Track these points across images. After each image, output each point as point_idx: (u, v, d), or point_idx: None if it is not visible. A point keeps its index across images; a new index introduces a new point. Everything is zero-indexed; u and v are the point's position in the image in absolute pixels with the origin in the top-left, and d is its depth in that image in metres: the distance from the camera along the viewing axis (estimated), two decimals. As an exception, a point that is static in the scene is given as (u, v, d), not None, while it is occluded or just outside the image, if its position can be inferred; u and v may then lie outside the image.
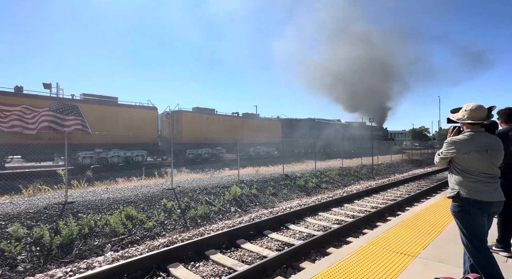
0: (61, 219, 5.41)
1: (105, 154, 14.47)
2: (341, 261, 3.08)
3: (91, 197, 6.81)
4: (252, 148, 22.24)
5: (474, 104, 2.25)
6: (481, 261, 2.20)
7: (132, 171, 11.64)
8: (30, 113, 12.26)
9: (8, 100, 11.83)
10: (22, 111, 12.05)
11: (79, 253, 4.78)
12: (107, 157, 14.48)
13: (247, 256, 4.45)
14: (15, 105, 11.92)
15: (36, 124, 12.35)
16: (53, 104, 13.01)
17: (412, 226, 4.29)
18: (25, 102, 12.25)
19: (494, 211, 2.22)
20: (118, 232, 5.52)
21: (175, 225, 6.30)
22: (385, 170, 17.27)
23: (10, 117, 11.69)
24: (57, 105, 13.11)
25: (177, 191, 7.84)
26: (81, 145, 13.42)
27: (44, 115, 12.58)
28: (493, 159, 2.18)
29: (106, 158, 14.44)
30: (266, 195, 9.17)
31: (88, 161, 13.87)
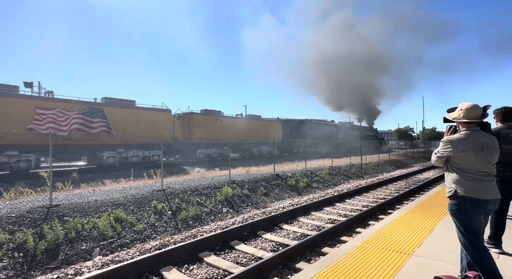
0: (46, 223, 5.17)
1: (126, 154, 15.48)
2: (338, 261, 3.07)
3: (78, 199, 6.56)
4: (255, 147, 23.37)
5: (469, 104, 2.28)
6: (478, 258, 2.23)
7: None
8: (62, 116, 13.32)
9: (45, 104, 12.90)
10: (56, 114, 13.11)
11: (66, 258, 4.58)
12: (127, 156, 15.52)
13: (242, 257, 4.38)
14: (50, 109, 12.94)
15: (67, 126, 13.41)
16: (82, 108, 14.07)
17: (405, 224, 4.34)
18: (58, 106, 13.26)
19: (490, 209, 2.25)
20: (107, 235, 5.33)
21: (166, 227, 6.16)
22: (374, 169, 17.58)
23: (46, 120, 12.73)
24: (86, 108, 14.14)
25: (168, 192, 7.67)
26: (105, 146, 14.53)
27: (74, 118, 13.66)
28: (489, 158, 2.21)
29: (126, 158, 15.46)
30: (257, 195, 9.12)
31: (111, 161, 14.70)
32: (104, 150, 14.57)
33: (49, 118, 12.88)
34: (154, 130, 15.98)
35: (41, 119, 12.64)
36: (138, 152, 15.90)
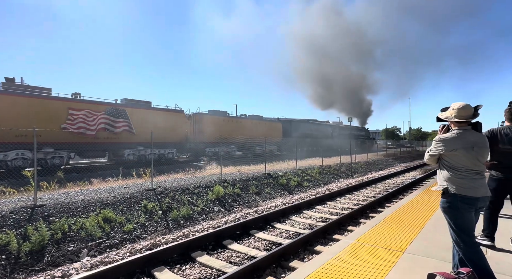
0: (30, 224, 4.98)
1: (144, 152, 16.54)
2: (332, 259, 3.09)
3: (64, 199, 6.35)
4: (258, 146, 24.73)
5: (461, 103, 2.33)
6: (469, 255, 2.28)
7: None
8: (91, 116, 14.38)
9: (76, 106, 14.01)
10: (86, 115, 14.16)
11: (52, 260, 4.42)
12: (145, 154, 16.57)
13: (235, 257, 4.35)
14: (81, 110, 14.06)
15: (95, 126, 14.47)
16: (108, 109, 15.14)
17: (396, 222, 4.42)
18: (87, 107, 14.35)
19: (481, 206, 2.31)
20: (95, 236, 5.19)
21: (156, 227, 6.05)
22: (363, 168, 17.87)
23: (77, 120, 13.84)
24: (110, 109, 15.24)
25: (158, 192, 7.54)
26: (126, 144, 15.73)
27: (101, 118, 14.74)
28: (479, 156, 2.26)
29: (144, 155, 16.55)
30: (249, 194, 9.10)
31: (131, 158, 15.95)
32: (126, 148, 15.82)
33: (79, 118, 14.02)
34: (169, 130, 17.27)
35: (73, 119, 13.77)
36: (155, 150, 17.06)
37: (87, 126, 14.15)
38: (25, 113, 12.06)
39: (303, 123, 31.92)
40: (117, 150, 15.74)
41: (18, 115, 11.88)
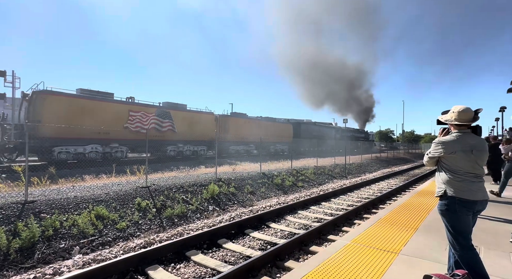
0: (21, 220, 4.86)
1: (182, 148, 18.68)
2: (328, 260, 3.09)
3: (56, 195, 6.22)
4: (271, 145, 26.63)
5: (461, 106, 2.34)
6: (465, 258, 2.30)
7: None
8: (145, 117, 16.83)
9: (134, 108, 16.48)
10: (141, 116, 16.60)
11: (42, 257, 4.33)
12: (183, 150, 18.71)
13: (230, 256, 4.32)
14: (138, 112, 16.55)
15: (148, 125, 16.84)
16: (157, 111, 17.57)
17: (391, 223, 4.45)
18: (142, 110, 16.85)
19: (478, 210, 2.32)
20: (87, 233, 5.10)
21: (150, 225, 5.98)
22: (357, 169, 18.01)
23: (135, 120, 16.24)
24: (159, 111, 17.71)
25: (152, 189, 7.45)
26: (169, 141, 18.01)
27: (152, 119, 17.18)
28: (478, 160, 2.28)
29: (182, 151, 18.71)
30: (244, 193, 9.07)
31: (172, 154, 18.14)
32: (168, 145, 18.05)
33: (137, 119, 16.37)
34: (201, 129, 19.53)
35: (132, 120, 16.15)
36: (190, 147, 19.60)
37: (142, 125, 16.60)
38: (97, 114, 14.37)
39: (310, 125, 34.13)
40: (162, 147, 17.81)
41: (92, 116, 14.07)
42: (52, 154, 12.75)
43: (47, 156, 12.59)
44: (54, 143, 12.80)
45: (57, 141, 12.91)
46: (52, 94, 13.42)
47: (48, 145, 12.42)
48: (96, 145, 14.28)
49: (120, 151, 15.57)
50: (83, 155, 13.84)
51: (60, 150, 13.11)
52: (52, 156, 12.68)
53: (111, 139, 14.79)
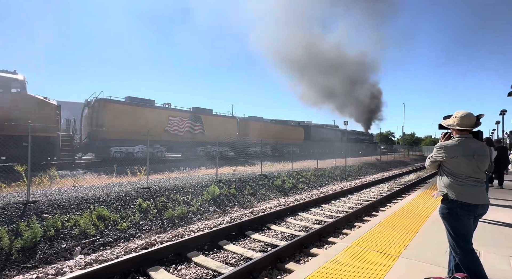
0: (23, 220, 4.88)
1: (210, 149, 20.49)
2: (329, 262, 3.11)
3: (57, 195, 6.25)
4: (285, 147, 28.30)
5: (464, 112, 2.37)
6: (465, 261, 2.32)
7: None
8: (181, 121, 18.91)
9: (173, 114, 18.57)
10: (178, 120, 18.70)
11: (44, 257, 4.35)
12: (210, 151, 20.42)
13: (231, 257, 4.34)
14: (176, 116, 18.60)
15: (183, 129, 19.00)
16: (191, 116, 19.78)
17: (391, 226, 4.47)
18: (179, 115, 18.98)
19: (479, 213, 2.35)
20: (88, 233, 5.12)
21: (151, 226, 5.99)
22: (357, 171, 18.02)
23: (173, 124, 18.29)
24: (192, 116, 19.88)
25: (153, 190, 7.47)
26: (200, 143, 20.08)
27: (187, 123, 19.33)
28: (479, 164, 2.30)
29: (210, 152, 20.41)
30: (244, 195, 9.09)
31: (202, 154, 20.03)
32: (199, 146, 20.13)
33: (174, 123, 18.38)
34: (225, 132, 21.43)
35: (171, 124, 18.18)
36: (217, 148, 20.72)
37: (179, 129, 18.64)
38: (143, 119, 16.38)
39: (319, 128, 36.56)
40: (193, 147, 20.00)
41: (139, 120, 16.16)
42: (109, 153, 14.86)
43: (106, 155, 14.71)
44: (111, 143, 15.01)
45: (114, 142, 15.11)
46: (111, 102, 15.53)
47: (107, 146, 14.82)
48: (142, 146, 16.02)
49: (160, 151, 17.59)
50: (132, 154, 15.66)
51: (115, 149, 15.16)
52: (109, 154, 14.77)
53: (153, 140, 16.36)
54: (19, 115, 10.54)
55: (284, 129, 29.63)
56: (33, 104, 11.30)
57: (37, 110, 11.25)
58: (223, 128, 21.83)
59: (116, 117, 15.25)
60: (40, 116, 11.12)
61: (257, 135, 24.10)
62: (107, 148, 14.81)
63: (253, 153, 24.61)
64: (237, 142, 23.15)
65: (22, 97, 10.99)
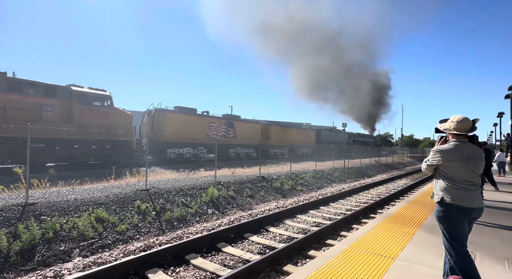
0: (21, 222, 4.89)
1: (239, 151, 23.47)
2: (326, 265, 3.13)
3: (56, 198, 6.26)
4: (299, 149, 30.78)
5: (460, 116, 2.41)
6: (460, 263, 2.35)
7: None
8: (219, 127, 21.99)
9: (213, 120, 21.72)
10: (216, 126, 21.81)
11: (42, 260, 4.35)
12: (240, 152, 23.30)
13: (229, 260, 4.36)
14: (214, 123, 21.74)
15: (220, 133, 21.95)
16: (226, 122, 22.83)
17: (388, 229, 4.50)
18: (217, 121, 22.09)
19: (474, 217, 2.38)
20: (87, 236, 5.12)
21: (150, 228, 6.00)
22: (355, 173, 18.06)
23: (213, 128, 21.37)
24: (227, 122, 22.96)
25: (152, 192, 7.49)
26: (231, 145, 22.97)
27: (223, 128, 22.41)
28: (475, 168, 2.34)
29: (238, 154, 23.33)
30: (243, 197, 9.11)
31: (233, 155, 22.96)
32: (230, 148, 23.01)
33: (213, 128, 21.41)
34: (251, 135, 24.65)
35: (211, 129, 21.22)
36: (245, 150, 25.06)
37: (216, 133, 21.51)
38: (191, 125, 19.43)
39: (328, 131, 38.95)
40: (226, 149, 22.61)
41: (188, 126, 19.12)
42: (166, 154, 17.61)
43: (162, 155, 17.35)
44: (167, 146, 17.80)
45: (169, 145, 17.89)
46: (168, 111, 18.53)
47: (164, 148, 17.67)
48: (189, 148, 19.23)
49: (202, 153, 20.42)
50: (182, 155, 18.58)
51: (170, 151, 17.99)
52: (166, 155, 17.52)
53: (198, 143, 19.80)
54: (109, 123, 13.68)
55: (298, 133, 32.26)
56: (118, 114, 14.22)
57: (120, 119, 14.26)
58: (250, 132, 24.97)
59: (171, 124, 18.14)
60: (122, 124, 14.25)
61: (277, 139, 27.66)
62: (164, 150, 17.63)
63: (273, 154, 27.60)
64: (261, 144, 26.55)
65: (111, 109, 13.97)
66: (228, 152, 22.64)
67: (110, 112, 13.84)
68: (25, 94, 11.35)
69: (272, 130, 28.13)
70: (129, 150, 14.30)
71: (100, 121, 13.41)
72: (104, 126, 13.30)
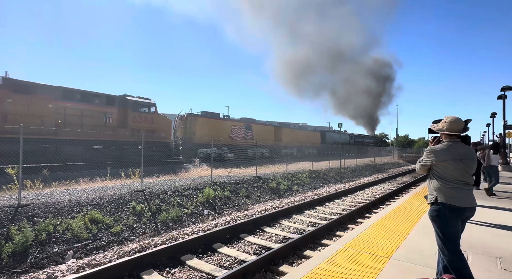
0: (14, 224, 4.82)
1: (255, 151, 25.50)
2: (321, 265, 3.14)
3: (49, 199, 6.18)
4: (306, 149, 33.02)
5: (453, 117, 2.43)
6: (453, 262, 2.37)
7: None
8: (239, 130, 24.98)
9: (234, 124, 24.85)
10: (237, 129, 24.77)
11: (35, 262, 4.29)
12: (256, 152, 25.17)
13: (224, 260, 4.35)
14: (236, 126, 24.77)
15: (240, 135, 24.89)
16: (245, 125, 25.89)
17: (383, 228, 4.53)
18: (238, 124, 25.18)
19: (467, 216, 2.41)
20: (81, 237, 5.07)
21: (145, 229, 5.96)
22: (351, 173, 18.15)
23: (234, 131, 24.38)
24: (246, 125, 25.93)
25: (147, 193, 7.44)
26: (249, 146, 25.65)
27: (243, 130, 25.44)
28: (467, 168, 2.37)
29: (255, 153, 25.01)
30: (239, 197, 9.10)
31: (250, 155, 25.61)
32: (248, 148, 25.87)
33: (235, 131, 24.42)
34: (266, 137, 27.52)
35: (233, 131, 24.18)
36: (261, 150, 27.75)
37: (237, 135, 24.54)
38: (216, 128, 22.26)
39: (331, 133, 41.34)
40: (245, 149, 25.61)
41: (213, 129, 21.74)
42: (197, 154, 20.43)
43: (192, 155, 19.85)
44: (198, 147, 20.77)
45: (199, 145, 20.75)
46: (198, 116, 21.67)
47: (195, 149, 20.70)
48: (215, 149, 21.74)
49: (226, 152, 23.30)
50: (209, 155, 20.69)
51: (200, 151, 20.91)
52: (197, 155, 20.22)
53: (221, 144, 22.63)
54: (153, 127, 16.11)
55: (306, 134, 35.34)
56: (160, 119, 16.64)
57: (162, 123, 16.72)
58: (265, 134, 28.05)
59: (201, 127, 21.03)
60: (163, 128, 16.77)
61: (287, 140, 29.74)
62: (195, 150, 20.48)
63: (284, 154, 29.16)
64: (274, 145, 29.26)
65: (156, 115, 16.44)
66: (247, 152, 25.58)
67: (154, 118, 16.33)
68: (93, 104, 13.69)
69: (283, 132, 31.12)
70: (169, 150, 16.73)
71: (147, 126, 15.83)
72: (150, 130, 15.73)
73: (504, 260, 3.30)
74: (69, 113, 12.55)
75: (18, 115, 11.02)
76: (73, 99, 13.00)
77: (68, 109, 12.57)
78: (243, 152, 24.97)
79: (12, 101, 11.06)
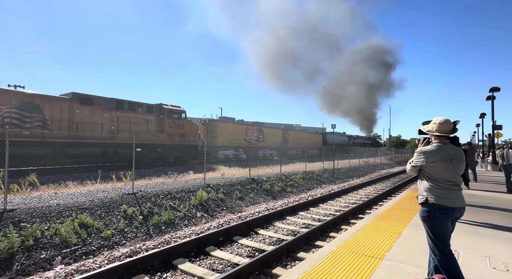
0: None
1: (266, 152, 28.31)
2: (315, 266, 3.12)
3: (37, 203, 6.03)
4: (309, 150, 34.08)
5: (442, 118, 2.46)
6: (444, 262, 2.39)
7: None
8: (253, 133, 27.19)
9: (249, 128, 27.22)
10: (251, 132, 27.06)
11: (22, 269, 4.16)
12: (265, 153, 27.94)
13: (217, 264, 4.29)
14: (250, 129, 27.14)
15: (254, 138, 26.94)
16: (257, 128, 28.20)
17: (375, 229, 4.55)
18: (251, 128, 27.48)
19: (457, 216, 2.43)
20: (70, 242, 4.95)
21: (136, 233, 5.86)
22: (345, 174, 18.27)
23: (249, 134, 26.57)
24: (258, 128, 28.22)
25: (139, 196, 7.32)
26: (260, 148, 27.97)
27: (255, 133, 27.50)
28: (456, 169, 2.39)
29: (266, 155, 28.16)
30: (233, 199, 9.04)
31: (261, 156, 27.84)
32: (260, 150, 28.12)
33: (249, 134, 26.75)
34: (275, 140, 29.59)
35: (248, 135, 26.44)
36: (270, 152, 29.93)
37: (251, 138, 26.51)
38: (233, 132, 24.90)
39: (331, 135, 42.56)
40: (257, 151, 27.53)
41: (231, 133, 24.45)
42: (218, 155, 22.83)
43: (213, 156, 22.22)
44: (218, 149, 23.05)
45: (220, 148, 23.06)
46: (219, 121, 24.83)
47: (216, 150, 22.97)
48: (232, 150, 24.53)
49: (241, 154, 25.47)
50: (227, 156, 23.80)
51: (221, 153, 23.38)
52: (217, 156, 22.82)
53: (237, 146, 24.75)
54: (184, 132, 18.27)
55: (309, 136, 37.71)
56: (189, 125, 18.93)
57: (190, 128, 18.95)
58: (274, 136, 30.27)
59: (222, 131, 23.76)
60: (191, 132, 18.93)
61: (294, 142, 32.96)
62: (216, 152, 22.86)
63: (290, 155, 32.22)
64: (281, 147, 31.40)
65: (185, 121, 18.61)
66: (258, 154, 27.55)
67: (184, 123, 18.48)
68: (137, 112, 15.72)
69: (290, 134, 33.74)
70: (196, 152, 18.91)
71: (179, 131, 18.01)
72: (181, 134, 18.07)
73: (493, 259, 3.34)
74: (120, 121, 14.81)
75: (84, 123, 13.29)
76: (122, 109, 15.08)
77: (120, 117, 14.85)
78: (255, 153, 26.89)
79: (80, 111, 13.26)
